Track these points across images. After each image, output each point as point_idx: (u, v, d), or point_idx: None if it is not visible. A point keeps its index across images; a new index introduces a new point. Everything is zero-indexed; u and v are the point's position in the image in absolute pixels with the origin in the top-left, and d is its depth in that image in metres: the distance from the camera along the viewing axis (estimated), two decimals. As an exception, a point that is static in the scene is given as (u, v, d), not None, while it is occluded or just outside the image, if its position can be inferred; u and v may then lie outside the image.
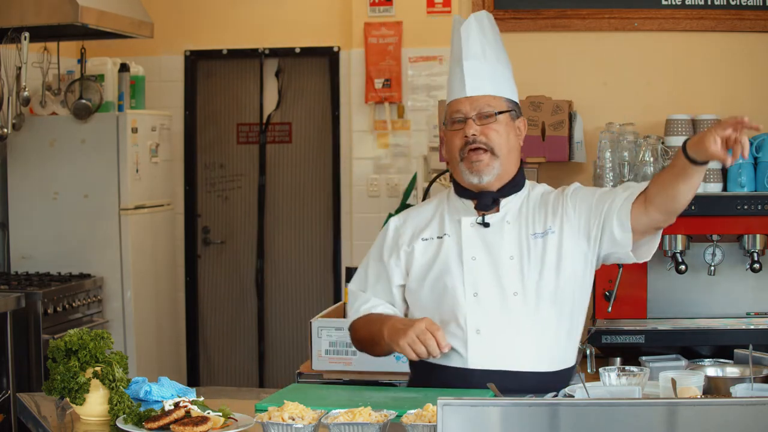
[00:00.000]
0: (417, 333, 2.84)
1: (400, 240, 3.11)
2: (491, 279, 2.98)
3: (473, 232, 3.03)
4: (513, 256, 2.99)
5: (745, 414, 2.00)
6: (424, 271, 3.06)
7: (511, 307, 2.96)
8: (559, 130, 3.91)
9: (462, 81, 3.03)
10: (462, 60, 3.05)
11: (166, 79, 6.91)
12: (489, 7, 4.13)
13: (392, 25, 6.65)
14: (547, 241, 3.00)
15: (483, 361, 2.94)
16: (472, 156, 2.99)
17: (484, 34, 3.08)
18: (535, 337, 2.96)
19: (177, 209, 6.86)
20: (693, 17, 4.06)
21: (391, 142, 6.74)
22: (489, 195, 3.03)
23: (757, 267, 3.75)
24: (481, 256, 3.00)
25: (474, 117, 3.00)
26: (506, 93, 3.07)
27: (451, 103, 3.06)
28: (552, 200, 3.07)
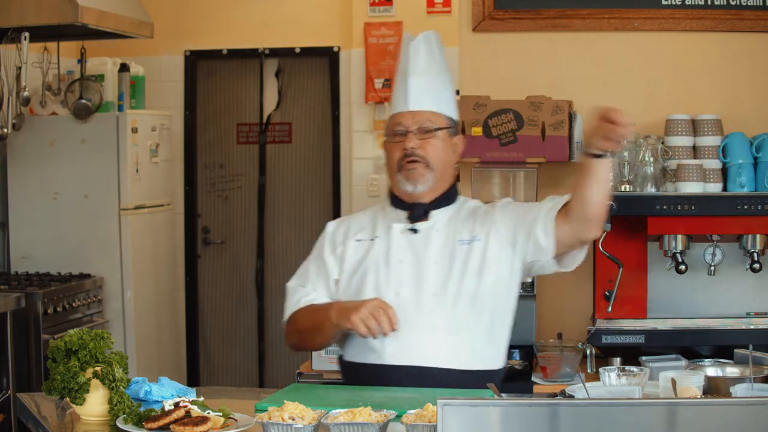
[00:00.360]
0: (370, 309, 2.98)
1: (336, 241, 3.26)
2: (414, 281, 3.11)
3: (403, 237, 3.18)
4: (438, 261, 3.13)
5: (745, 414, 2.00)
6: (353, 269, 3.19)
7: (428, 307, 3.08)
8: (559, 130, 3.91)
9: (406, 95, 3.19)
10: (408, 75, 3.20)
11: (166, 79, 6.91)
12: (489, 7, 4.13)
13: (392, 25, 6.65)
14: (473, 247, 3.13)
15: (398, 357, 3.05)
16: (409, 165, 3.14)
17: (432, 52, 3.24)
18: (450, 337, 3.07)
19: (177, 209, 6.85)
20: (693, 17, 4.06)
21: (391, 142, 6.74)
22: (421, 206, 3.18)
23: (757, 267, 3.75)
24: (407, 260, 3.14)
25: (414, 131, 3.16)
26: (447, 110, 3.22)
27: (394, 116, 3.21)
28: (482, 212, 3.21)
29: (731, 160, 3.83)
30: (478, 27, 4.14)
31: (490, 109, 3.93)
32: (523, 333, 3.83)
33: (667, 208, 3.69)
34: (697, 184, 3.79)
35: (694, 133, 3.90)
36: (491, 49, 4.14)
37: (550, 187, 4.07)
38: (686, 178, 3.80)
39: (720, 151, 3.85)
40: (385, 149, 3.27)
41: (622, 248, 3.82)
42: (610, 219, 3.73)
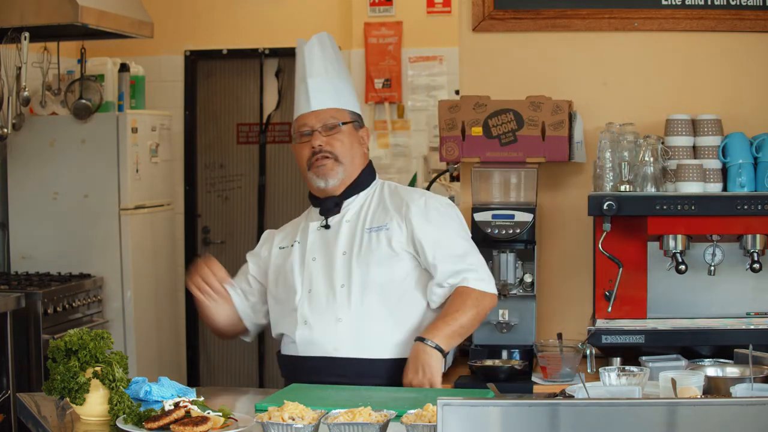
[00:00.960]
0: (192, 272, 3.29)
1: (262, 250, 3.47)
2: (324, 275, 3.27)
3: (317, 235, 3.34)
4: (345, 252, 3.26)
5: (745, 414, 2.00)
6: (275, 275, 3.37)
7: (335, 299, 3.23)
8: (559, 130, 3.91)
9: (307, 97, 3.32)
10: (306, 77, 3.33)
11: (166, 79, 6.91)
12: (489, 7, 4.13)
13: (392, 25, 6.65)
14: (380, 235, 3.25)
15: (309, 349, 3.23)
16: (317, 162, 3.28)
17: (326, 53, 3.38)
18: (356, 326, 3.21)
19: (177, 209, 6.85)
20: (693, 17, 4.06)
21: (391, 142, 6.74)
22: (331, 200, 3.32)
23: (757, 267, 3.75)
24: (319, 256, 3.30)
25: (320, 129, 3.29)
26: (349, 105, 3.37)
27: (298, 118, 3.35)
28: (397, 200, 3.32)
29: (731, 160, 3.83)
30: (478, 27, 4.14)
31: (490, 109, 3.93)
32: (523, 333, 3.84)
33: (667, 208, 3.69)
34: (697, 184, 3.79)
35: (694, 133, 3.90)
36: (491, 49, 4.14)
37: (550, 186, 4.08)
38: (686, 178, 3.79)
39: (720, 151, 3.85)
40: (294, 151, 3.39)
41: (622, 248, 3.82)
42: (610, 219, 3.73)
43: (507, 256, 3.86)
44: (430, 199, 3.35)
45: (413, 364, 3.12)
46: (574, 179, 4.09)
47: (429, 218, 3.29)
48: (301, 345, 3.25)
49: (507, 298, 3.82)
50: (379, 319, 3.22)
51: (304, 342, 3.24)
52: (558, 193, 4.10)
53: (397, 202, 3.31)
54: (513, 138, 3.91)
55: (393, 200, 3.33)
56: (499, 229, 3.81)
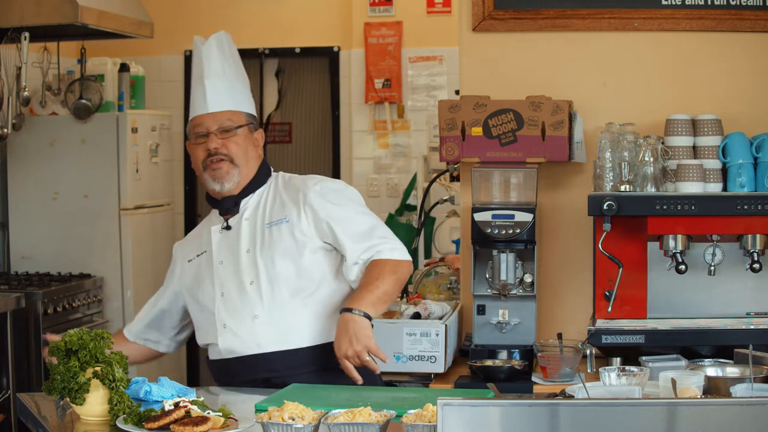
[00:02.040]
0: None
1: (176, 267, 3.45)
2: (232, 276, 3.26)
3: (220, 238, 3.33)
4: (249, 249, 3.25)
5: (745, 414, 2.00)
6: (189, 288, 3.36)
7: (248, 297, 3.23)
8: (559, 130, 3.91)
9: (204, 97, 3.30)
10: (203, 78, 3.31)
11: (166, 79, 6.91)
12: (489, 7, 4.13)
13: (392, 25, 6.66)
14: (281, 228, 3.25)
15: (233, 350, 3.22)
16: (214, 165, 3.26)
17: (224, 53, 3.36)
18: (273, 320, 3.21)
19: (177, 209, 6.85)
20: (693, 17, 4.05)
21: (391, 142, 6.74)
22: (229, 200, 3.31)
23: (757, 267, 3.75)
24: (226, 258, 3.29)
25: (216, 131, 3.27)
26: (245, 107, 3.35)
27: (194, 119, 3.31)
28: (291, 190, 3.32)
29: (731, 160, 3.83)
30: (478, 27, 4.14)
31: (490, 109, 3.93)
32: (523, 333, 3.84)
33: (667, 208, 3.69)
34: (697, 184, 3.79)
35: (694, 133, 3.90)
36: (491, 49, 4.14)
37: (550, 187, 4.08)
38: (686, 178, 3.79)
39: (720, 151, 3.85)
40: (189, 151, 3.37)
41: (622, 248, 3.82)
42: (609, 219, 3.73)
43: (507, 256, 3.86)
44: (325, 181, 3.37)
45: (344, 335, 3.09)
46: (574, 179, 4.09)
47: (329, 200, 3.30)
48: (224, 349, 3.24)
49: (507, 298, 3.82)
50: (294, 310, 3.22)
51: (227, 345, 3.23)
52: (558, 193, 4.10)
53: (292, 193, 3.31)
54: (513, 138, 3.91)
55: (288, 192, 3.32)
56: (499, 229, 3.81)
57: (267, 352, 3.19)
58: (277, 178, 3.40)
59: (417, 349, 3.71)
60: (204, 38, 3.38)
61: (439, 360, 3.67)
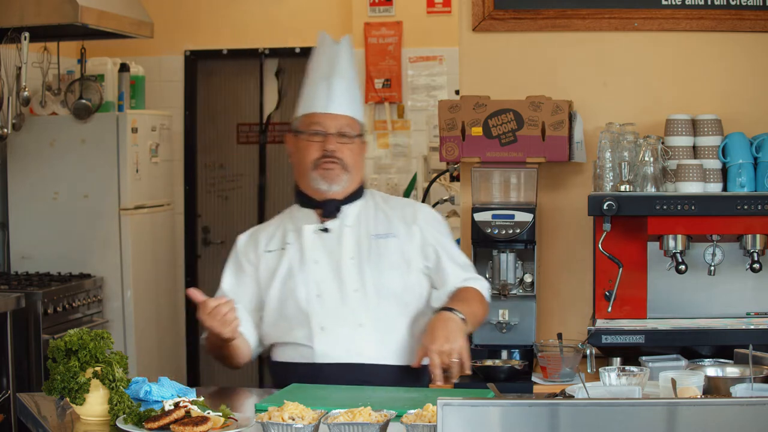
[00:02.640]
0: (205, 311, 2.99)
1: (249, 254, 3.31)
2: (333, 279, 3.18)
3: (315, 238, 3.24)
4: (353, 257, 3.19)
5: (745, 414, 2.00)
6: (269, 280, 3.24)
7: (352, 303, 3.15)
8: (559, 130, 3.91)
9: (328, 96, 3.25)
10: (331, 76, 3.27)
11: (166, 79, 6.91)
12: (489, 7, 4.13)
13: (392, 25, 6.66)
14: (389, 243, 3.21)
15: (329, 355, 3.12)
16: (326, 165, 3.20)
17: (350, 56, 3.34)
18: (376, 331, 3.13)
19: (177, 209, 6.85)
20: (693, 17, 4.05)
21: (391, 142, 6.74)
22: (333, 203, 3.24)
23: (757, 267, 3.75)
24: (323, 260, 3.21)
25: (334, 133, 3.22)
26: (360, 117, 3.32)
27: (312, 115, 3.25)
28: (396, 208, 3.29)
29: (731, 160, 3.83)
30: (478, 27, 4.14)
31: (490, 109, 3.93)
32: (523, 333, 3.83)
33: (667, 208, 3.69)
34: (697, 184, 3.79)
35: (694, 133, 3.90)
36: (491, 49, 4.14)
37: (550, 187, 4.08)
38: (686, 178, 3.79)
39: (720, 151, 3.85)
40: (296, 146, 3.30)
41: (622, 248, 3.82)
42: (610, 219, 3.73)
43: (507, 256, 3.86)
44: (428, 209, 3.39)
45: (441, 330, 3.00)
46: (574, 179, 4.09)
47: (435, 227, 3.29)
48: (319, 352, 3.13)
49: (507, 298, 3.82)
50: (396, 325, 3.17)
51: (323, 348, 3.13)
52: (558, 193, 4.10)
53: (398, 211, 3.28)
54: (513, 138, 3.91)
55: (392, 209, 3.30)
56: (499, 229, 3.81)
57: (369, 362, 3.12)
58: (373, 194, 3.36)
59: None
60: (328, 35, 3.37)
61: (439, 360, 3.66)
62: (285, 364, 3.20)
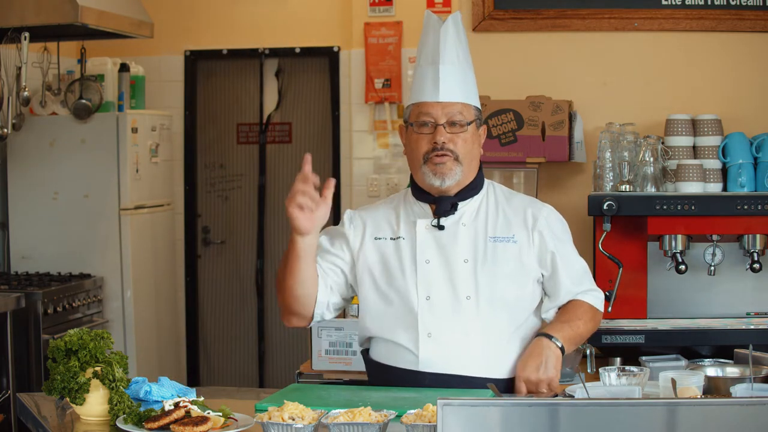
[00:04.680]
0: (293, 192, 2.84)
1: (353, 231, 3.08)
2: (444, 282, 2.98)
3: (428, 235, 3.02)
4: (467, 260, 2.99)
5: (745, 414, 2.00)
6: (373, 270, 3.04)
7: (462, 311, 2.95)
8: (559, 130, 3.91)
9: (436, 85, 3.01)
10: (438, 62, 3.03)
11: (166, 79, 6.91)
12: (489, 7, 4.13)
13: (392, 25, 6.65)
14: (507, 248, 3.01)
15: (434, 364, 2.94)
16: (437, 159, 2.97)
17: (459, 37, 3.08)
18: (486, 343, 2.95)
19: (177, 209, 6.85)
20: (693, 17, 4.06)
21: (391, 142, 6.74)
22: (447, 200, 3.02)
23: (757, 267, 3.75)
24: (435, 260, 3.00)
25: (444, 124, 2.99)
26: (474, 101, 3.06)
27: (421, 105, 3.02)
28: (521, 210, 3.07)
29: (731, 160, 3.83)
30: (478, 27, 4.14)
31: (490, 109, 3.93)
32: (523, 333, 3.83)
33: (667, 208, 3.69)
34: (697, 184, 3.79)
35: (694, 133, 3.90)
36: (491, 49, 4.15)
37: (550, 187, 4.07)
38: (686, 178, 3.80)
39: (720, 151, 3.85)
40: (407, 138, 3.06)
41: (622, 248, 3.82)
42: (609, 219, 3.73)
43: (507, 256, 3.85)
44: (552, 210, 3.13)
45: (536, 358, 2.89)
46: (574, 179, 4.09)
47: (556, 232, 3.08)
48: (424, 360, 2.95)
49: (507, 298, 3.81)
50: (505, 338, 2.98)
51: (429, 356, 2.94)
52: (558, 193, 4.10)
53: (519, 212, 3.06)
54: (513, 138, 3.91)
55: (513, 209, 3.07)
56: (499, 229, 3.80)
57: (475, 375, 2.93)
58: (494, 188, 3.12)
59: (417, 349, 3.69)
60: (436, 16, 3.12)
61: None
62: (386, 366, 3.03)
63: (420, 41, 3.14)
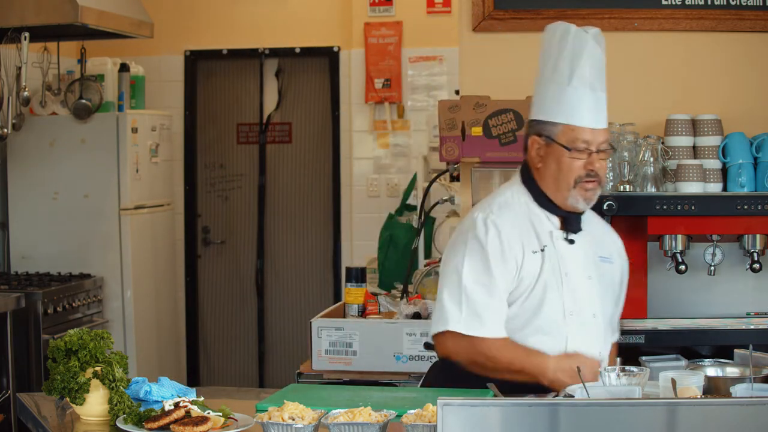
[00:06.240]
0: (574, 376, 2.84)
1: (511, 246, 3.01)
2: (580, 297, 3.03)
3: (563, 247, 3.05)
4: (591, 276, 3.06)
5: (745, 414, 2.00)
6: (530, 283, 3.01)
7: (593, 327, 3.05)
8: (559, 130, 3.90)
9: (595, 110, 3.01)
10: (597, 90, 3.02)
11: (166, 79, 6.91)
12: (489, 7, 4.13)
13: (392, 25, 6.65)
14: (613, 269, 3.14)
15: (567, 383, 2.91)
16: (589, 185, 3.00)
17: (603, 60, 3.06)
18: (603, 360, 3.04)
19: (177, 209, 6.86)
20: (693, 17, 4.06)
21: (391, 142, 6.74)
22: (577, 217, 3.06)
23: (757, 267, 3.75)
24: (572, 274, 3.03)
25: (596, 150, 3.00)
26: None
27: (577, 129, 2.99)
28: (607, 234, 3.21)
29: (731, 160, 3.83)
30: (478, 27, 4.14)
31: (490, 109, 3.93)
32: (523, 333, 3.83)
33: (667, 208, 3.69)
34: (697, 184, 3.79)
35: (694, 133, 3.90)
36: (491, 49, 4.15)
37: (550, 187, 4.07)
38: (686, 178, 3.80)
39: (720, 151, 3.85)
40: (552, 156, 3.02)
41: (622, 248, 3.82)
42: (609, 219, 3.73)
43: (507, 256, 3.84)
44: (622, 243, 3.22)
45: (572, 367, 2.88)
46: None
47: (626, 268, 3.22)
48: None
49: (507, 298, 3.81)
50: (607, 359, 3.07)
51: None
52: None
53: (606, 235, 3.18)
54: (513, 138, 3.92)
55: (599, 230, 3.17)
56: (499, 229, 3.80)
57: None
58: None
59: (417, 349, 3.71)
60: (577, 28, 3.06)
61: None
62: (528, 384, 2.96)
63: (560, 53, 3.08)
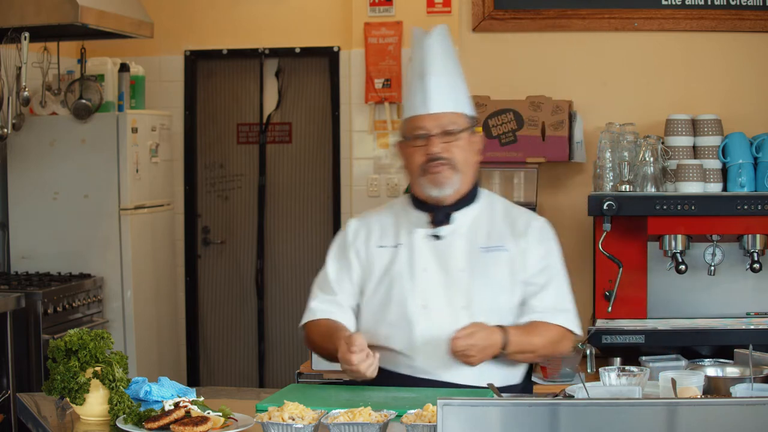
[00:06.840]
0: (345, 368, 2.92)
1: (358, 242, 3.15)
2: (441, 291, 3.04)
3: (425, 243, 3.08)
4: (463, 269, 3.04)
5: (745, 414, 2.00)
6: (378, 279, 3.09)
7: (458, 320, 2.98)
8: (559, 130, 3.91)
9: (425, 97, 3.05)
10: (425, 75, 3.06)
11: (166, 79, 6.90)
12: (489, 7, 4.13)
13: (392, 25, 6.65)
14: (500, 258, 3.06)
15: (429, 371, 3.00)
16: (433, 169, 3.02)
17: (445, 47, 3.12)
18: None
19: (177, 209, 6.85)
20: (693, 17, 4.06)
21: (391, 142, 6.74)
22: (443, 210, 3.08)
23: (757, 267, 3.75)
24: (432, 268, 3.05)
25: (437, 134, 3.02)
26: (466, 109, 3.10)
27: (412, 119, 3.07)
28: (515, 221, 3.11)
29: (731, 160, 3.83)
30: (478, 27, 4.14)
31: (490, 109, 3.93)
32: (523, 333, 3.83)
33: (667, 208, 3.69)
34: (697, 184, 3.79)
35: (694, 133, 3.90)
36: (491, 49, 4.15)
37: (550, 187, 4.07)
38: (686, 178, 3.80)
39: (720, 151, 3.85)
40: (403, 152, 3.13)
41: (622, 248, 3.83)
42: (610, 219, 3.73)
43: (507, 256, 3.85)
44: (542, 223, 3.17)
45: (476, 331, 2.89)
46: (574, 179, 4.09)
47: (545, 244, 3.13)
48: (420, 367, 3.01)
49: (507, 298, 3.81)
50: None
51: (424, 364, 3.00)
52: (558, 193, 4.10)
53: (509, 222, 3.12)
54: (513, 138, 3.92)
55: (509, 220, 3.13)
56: (499, 229, 3.80)
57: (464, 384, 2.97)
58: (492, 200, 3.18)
59: (417, 349, 3.70)
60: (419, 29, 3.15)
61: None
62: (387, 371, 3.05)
63: (410, 57, 3.18)
